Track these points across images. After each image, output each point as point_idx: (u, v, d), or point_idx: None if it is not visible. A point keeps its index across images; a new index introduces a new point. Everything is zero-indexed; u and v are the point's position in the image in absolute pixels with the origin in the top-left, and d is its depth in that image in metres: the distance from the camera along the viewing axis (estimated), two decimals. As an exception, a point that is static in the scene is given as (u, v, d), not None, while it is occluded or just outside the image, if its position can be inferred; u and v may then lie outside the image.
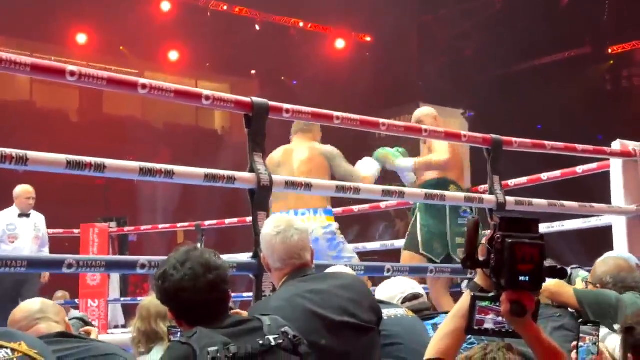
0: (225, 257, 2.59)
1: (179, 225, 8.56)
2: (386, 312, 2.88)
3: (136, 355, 3.08)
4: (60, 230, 8.53)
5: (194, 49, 16.86)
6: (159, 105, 16.57)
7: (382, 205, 6.57)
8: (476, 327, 1.73)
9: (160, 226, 8.97)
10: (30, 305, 2.67)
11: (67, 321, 2.72)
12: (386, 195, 4.15)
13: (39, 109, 16.18)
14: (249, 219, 6.59)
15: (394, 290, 3.35)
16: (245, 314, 2.57)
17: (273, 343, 2.22)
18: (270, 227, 2.86)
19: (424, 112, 5.71)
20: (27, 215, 7.87)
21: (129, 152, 15.73)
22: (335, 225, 5.05)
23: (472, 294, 1.74)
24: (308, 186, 3.82)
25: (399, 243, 6.89)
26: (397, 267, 4.19)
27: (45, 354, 2.19)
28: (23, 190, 7.93)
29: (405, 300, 3.29)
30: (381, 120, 4.20)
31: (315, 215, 4.96)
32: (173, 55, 17.27)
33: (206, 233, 7.22)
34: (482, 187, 5.41)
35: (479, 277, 1.78)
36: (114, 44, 16.75)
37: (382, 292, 3.38)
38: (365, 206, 6.64)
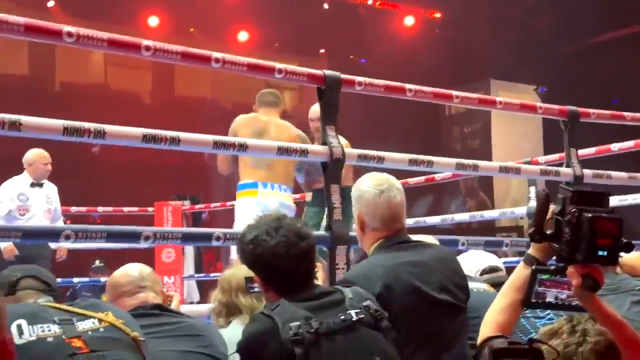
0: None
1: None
2: (469, 286, 2.81)
3: (216, 327, 3.11)
4: (136, 209, 8.69)
5: (262, 29, 16.92)
6: (228, 85, 16.71)
7: (437, 177, 6.53)
8: (535, 300, 1.69)
9: (228, 203, 9.05)
10: (133, 271, 2.67)
11: (165, 292, 2.75)
12: (460, 168, 4.10)
13: (113, 91, 16.48)
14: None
15: (472, 263, 3.29)
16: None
17: (354, 318, 2.20)
18: (371, 185, 2.73)
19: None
20: (40, 185, 6.92)
21: (200, 132, 15.93)
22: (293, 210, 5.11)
23: (534, 267, 1.70)
24: (381, 159, 3.79)
25: (460, 217, 6.89)
26: (472, 241, 4.14)
27: (131, 324, 2.22)
28: (39, 154, 6.95)
29: (484, 272, 3.23)
30: (454, 93, 4.14)
31: (285, 192, 5.00)
32: (242, 36, 17.36)
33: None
34: (543, 158, 5.32)
35: (534, 250, 1.74)
36: (184, 25, 16.92)
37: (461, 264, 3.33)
38: (421, 178, 6.59)
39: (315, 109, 5.68)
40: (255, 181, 4.92)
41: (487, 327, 1.76)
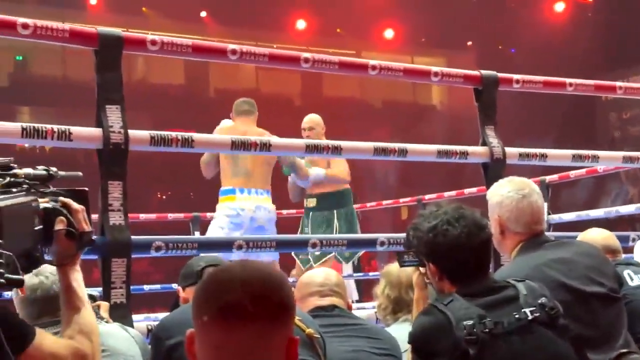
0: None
1: (401, 200, 8.63)
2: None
3: (382, 323, 3.12)
4: (293, 211, 8.86)
5: (408, 25, 16.90)
6: (377, 84, 16.80)
7: (600, 168, 6.27)
8: None
9: (384, 202, 9.07)
10: (325, 275, 2.74)
11: (349, 301, 2.82)
12: (627, 162, 3.96)
13: (264, 95, 16.91)
14: (468, 191, 6.56)
15: None
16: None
17: (530, 317, 2.13)
18: (512, 189, 2.70)
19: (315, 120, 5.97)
20: None
21: (350, 132, 16.11)
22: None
23: None
24: (543, 156, 3.73)
25: (625, 209, 6.56)
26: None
27: (307, 322, 2.29)
28: None
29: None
30: (618, 84, 4.00)
31: (262, 196, 5.24)
32: (388, 33, 17.41)
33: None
34: None
35: None
36: (330, 26, 17.15)
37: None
38: (582, 171, 6.33)
39: (307, 120, 5.97)
40: (234, 187, 5.21)
41: None
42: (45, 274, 2.21)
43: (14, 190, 1.50)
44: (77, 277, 1.66)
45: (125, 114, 2.85)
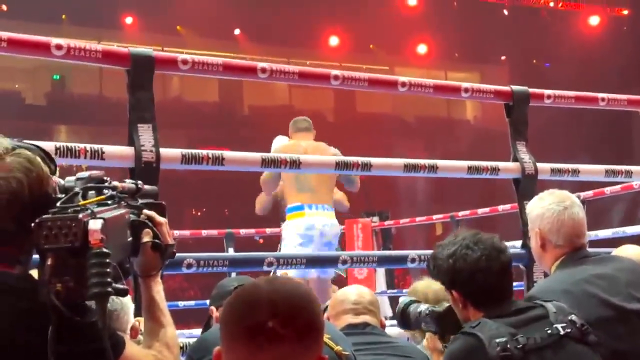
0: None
1: (434, 217, 8.59)
2: None
3: (412, 340, 3.12)
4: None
5: (441, 40, 16.90)
6: (410, 99, 16.79)
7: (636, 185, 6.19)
8: None
9: (417, 219, 9.05)
10: (360, 293, 2.75)
11: (382, 319, 2.82)
12: (609, 175, 3.89)
13: (298, 111, 16.98)
14: (502, 207, 6.52)
15: None
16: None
17: (561, 332, 2.11)
18: (553, 201, 2.64)
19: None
20: None
21: (383, 147, 16.11)
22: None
23: None
24: (576, 172, 3.70)
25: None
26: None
27: (337, 339, 2.29)
28: None
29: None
30: (652, 98, 3.96)
31: (328, 211, 5.23)
32: (421, 49, 17.42)
33: (463, 223, 7.17)
34: None
35: None
36: (363, 42, 17.21)
37: None
38: (617, 187, 6.25)
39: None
40: (302, 204, 5.19)
41: None
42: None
43: (109, 202, 1.53)
44: (159, 290, 1.70)
45: (157, 133, 2.88)
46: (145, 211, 1.65)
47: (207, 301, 6.53)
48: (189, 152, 2.97)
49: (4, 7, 15.36)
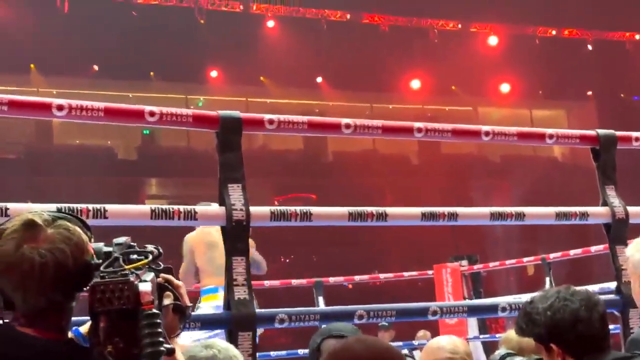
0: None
1: (525, 259, 8.45)
2: None
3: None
4: (415, 273, 8.84)
5: (524, 78, 16.75)
6: (495, 139, 16.64)
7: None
8: None
9: (507, 262, 8.92)
10: (455, 344, 2.78)
11: None
12: None
13: (382, 155, 17.05)
14: (595, 248, 6.37)
15: None
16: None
17: None
18: None
19: None
20: None
21: (469, 188, 15.99)
22: None
23: None
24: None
25: None
26: None
27: None
28: None
29: None
30: None
31: None
32: (504, 88, 17.30)
33: (555, 265, 7.03)
34: None
35: None
36: (445, 84, 17.20)
37: None
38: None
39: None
40: (216, 286, 5.15)
41: None
42: (217, 347, 2.34)
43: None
44: (178, 351, 1.74)
45: (246, 192, 2.97)
46: (162, 274, 1.70)
47: (300, 350, 6.58)
48: (278, 210, 3.05)
49: (95, 68, 15.98)
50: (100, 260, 1.55)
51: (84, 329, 1.65)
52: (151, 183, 17.31)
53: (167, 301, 1.68)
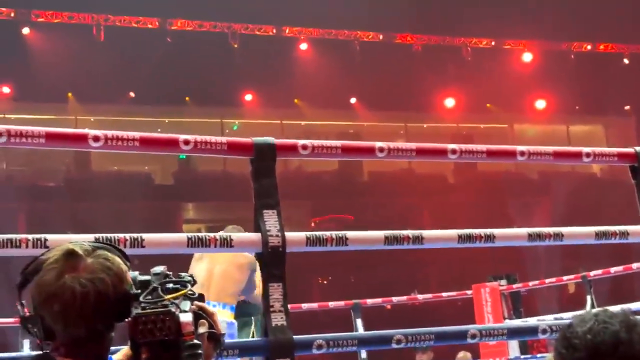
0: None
1: (565, 278, 8.35)
2: None
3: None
4: (454, 293, 8.78)
5: (560, 94, 16.63)
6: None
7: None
8: None
9: (547, 280, 8.82)
10: None
11: None
12: None
13: (417, 174, 17.00)
14: (635, 265, 6.27)
15: None
16: None
17: None
18: None
19: None
20: None
21: (507, 206, 15.85)
22: (235, 325, 5.26)
23: None
24: None
25: None
26: None
27: None
28: None
29: None
30: None
31: (223, 309, 5.22)
32: (540, 104, 17.18)
33: (596, 282, 6.94)
34: None
35: None
36: (480, 101, 17.13)
37: None
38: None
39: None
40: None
41: None
42: None
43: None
44: None
45: (281, 218, 2.97)
46: (196, 302, 1.70)
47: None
48: (314, 235, 3.05)
49: (132, 94, 16.18)
50: (139, 290, 1.56)
51: (117, 357, 1.66)
52: (188, 207, 17.42)
53: (202, 329, 1.69)
